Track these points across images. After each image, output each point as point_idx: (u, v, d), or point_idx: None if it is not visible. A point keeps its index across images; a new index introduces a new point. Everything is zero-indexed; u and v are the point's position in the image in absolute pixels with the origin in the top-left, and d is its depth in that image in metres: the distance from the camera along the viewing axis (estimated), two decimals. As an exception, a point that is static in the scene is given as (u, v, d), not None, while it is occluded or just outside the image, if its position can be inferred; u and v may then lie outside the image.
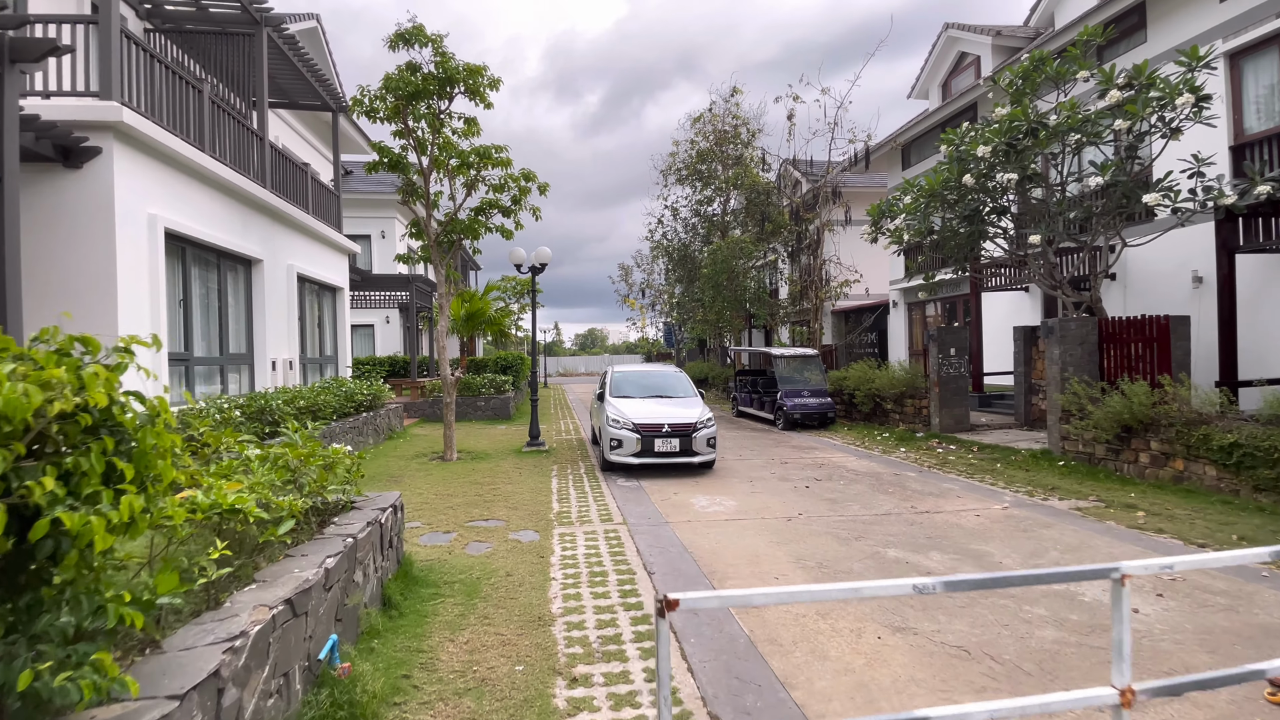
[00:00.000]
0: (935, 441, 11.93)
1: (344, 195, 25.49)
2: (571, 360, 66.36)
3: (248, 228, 9.79)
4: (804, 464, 10.14)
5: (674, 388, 10.52)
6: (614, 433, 9.02)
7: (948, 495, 7.88)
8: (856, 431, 13.80)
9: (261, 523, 3.10)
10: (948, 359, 12.66)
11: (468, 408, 16.61)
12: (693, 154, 23.78)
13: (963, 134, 11.27)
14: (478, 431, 14.48)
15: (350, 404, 11.03)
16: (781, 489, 8.29)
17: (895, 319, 21.86)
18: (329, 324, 13.42)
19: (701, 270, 21.84)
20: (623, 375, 10.76)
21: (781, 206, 23.49)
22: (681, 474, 9.23)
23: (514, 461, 10.39)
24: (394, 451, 11.39)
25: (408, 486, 8.40)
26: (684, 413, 9.29)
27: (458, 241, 10.94)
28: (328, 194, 13.50)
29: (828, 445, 12.19)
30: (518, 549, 5.74)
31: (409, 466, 9.91)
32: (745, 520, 6.74)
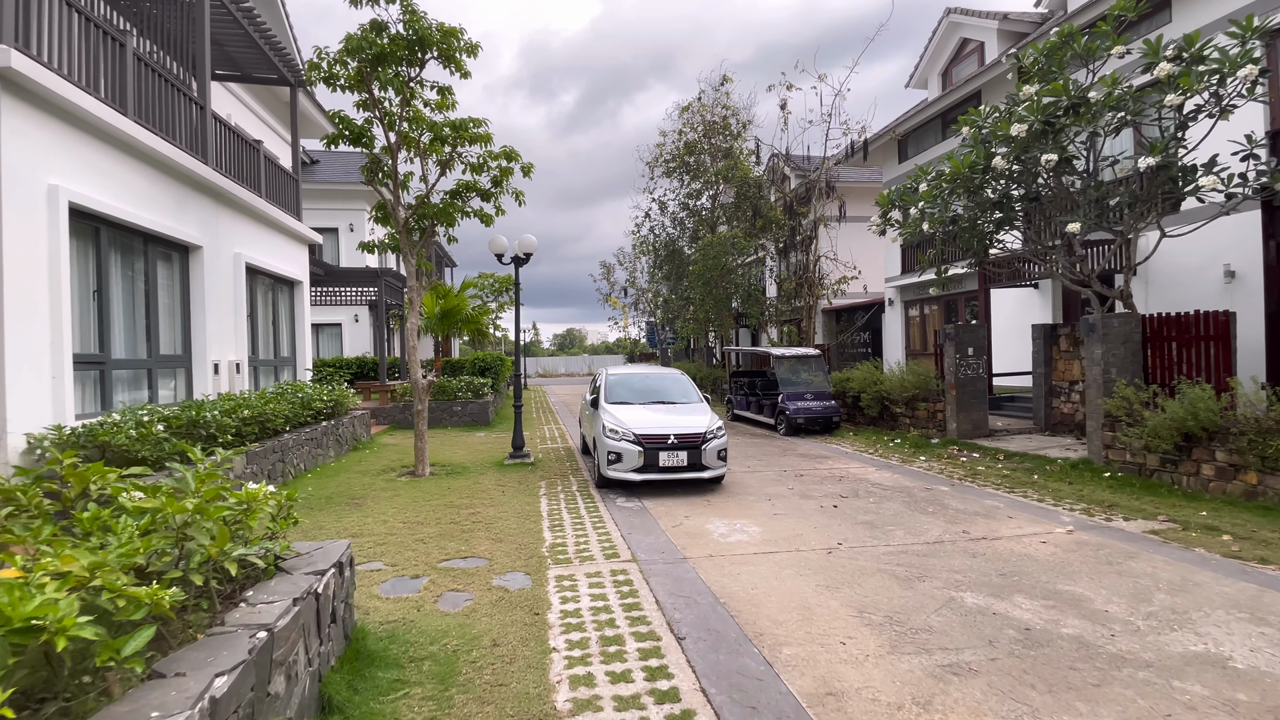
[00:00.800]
0: (954, 449, 10.99)
1: (310, 185, 23.93)
2: (551, 360, 64.91)
3: (184, 209, 8.43)
4: (820, 477, 9.10)
5: (676, 392, 9.39)
6: (612, 445, 7.86)
7: (997, 516, 6.88)
8: (864, 437, 12.83)
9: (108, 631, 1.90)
10: (965, 359, 11.75)
11: (443, 413, 15.29)
12: (680, 145, 22.71)
13: (986, 114, 10.35)
14: (454, 440, 13.19)
15: (307, 412, 9.70)
16: (807, 509, 7.21)
17: (891, 318, 21.05)
18: (285, 321, 12.03)
19: (690, 267, 20.78)
20: (619, 379, 9.60)
21: (773, 202, 22.55)
22: (688, 491, 8.11)
23: (496, 477, 9.16)
24: (358, 465, 10.08)
25: (370, 512, 7.14)
26: (691, 421, 8.17)
27: (430, 228, 9.68)
28: (285, 177, 12.11)
29: (839, 453, 11.17)
30: (505, 601, 4.56)
31: (374, 485, 8.63)
32: (778, 554, 5.64)
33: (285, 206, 11.93)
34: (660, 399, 9.13)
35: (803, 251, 20.32)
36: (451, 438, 13.49)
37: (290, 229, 11.84)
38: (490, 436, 13.72)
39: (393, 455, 11.06)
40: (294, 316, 12.32)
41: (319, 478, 9.04)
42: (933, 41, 19.01)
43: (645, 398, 9.10)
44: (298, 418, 9.33)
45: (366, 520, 6.77)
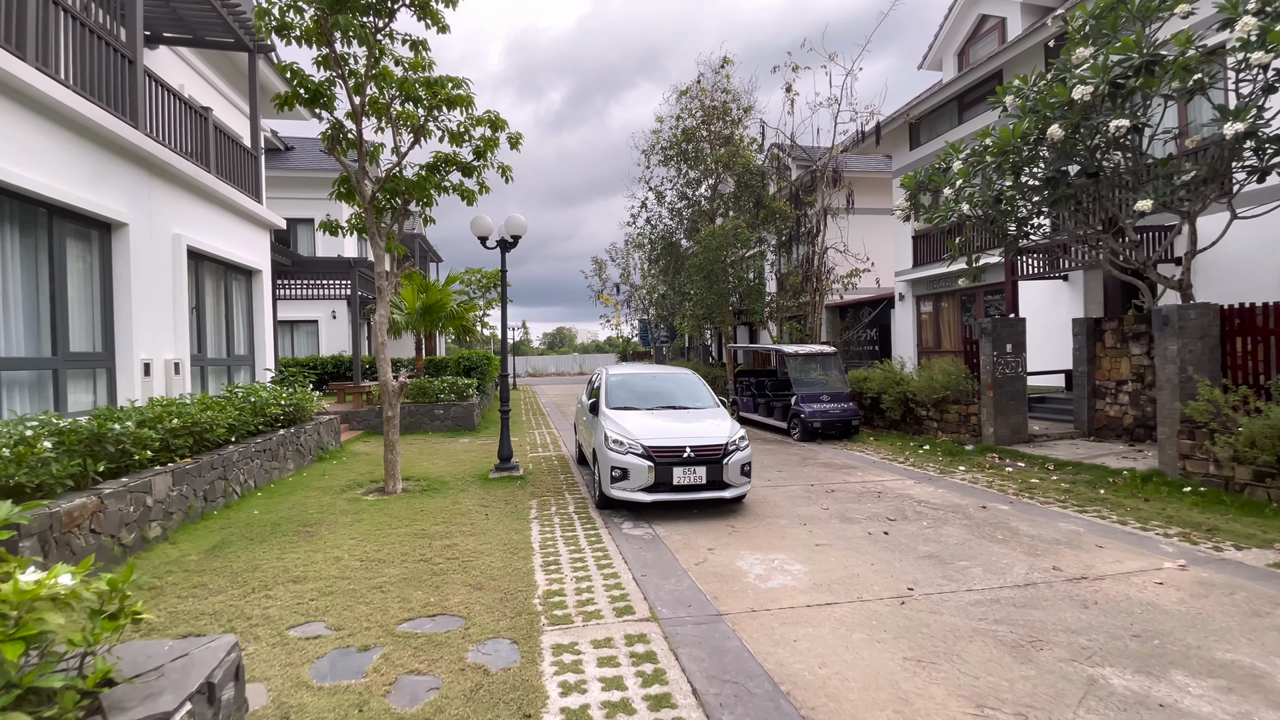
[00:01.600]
0: (994, 456, 9.84)
1: (284, 173, 22.42)
2: (541, 360, 63.46)
3: (104, 179, 7.07)
4: (855, 492, 7.90)
5: (687, 395, 8.12)
6: (616, 459, 6.59)
7: (1082, 545, 5.70)
8: (888, 443, 11.65)
9: None
10: (1003, 357, 10.60)
11: (423, 417, 13.95)
12: (678, 132, 21.44)
13: (1033, 80, 9.20)
14: (434, 448, 11.86)
15: (258, 419, 8.36)
16: (853, 537, 5.99)
17: (902, 314, 19.95)
18: (242, 315, 10.65)
19: (691, 259, 19.54)
20: (621, 379, 8.32)
21: (775, 191, 21.36)
22: (706, 513, 6.86)
23: (479, 494, 7.87)
24: (320, 480, 8.74)
25: (322, 545, 5.83)
26: (709, 430, 6.92)
27: (403, 207, 8.36)
28: (243, 154, 10.73)
29: (865, 462, 9.98)
30: (483, 692, 3.29)
31: (334, 506, 7.30)
32: (838, 605, 4.41)
33: (242, 185, 10.56)
34: (670, 403, 7.86)
35: (808, 243, 19.14)
36: (431, 445, 12.16)
37: (247, 211, 10.47)
38: (474, 444, 12.40)
39: (363, 467, 9.73)
40: (252, 310, 10.94)
41: (270, 497, 7.71)
42: (948, 20, 17.91)
43: (652, 402, 7.83)
44: (246, 426, 7.99)
45: (315, 556, 5.47)
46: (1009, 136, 8.57)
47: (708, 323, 20.75)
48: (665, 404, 7.81)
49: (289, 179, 21.57)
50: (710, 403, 7.99)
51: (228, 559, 5.43)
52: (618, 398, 7.83)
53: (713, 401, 8.03)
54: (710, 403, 7.99)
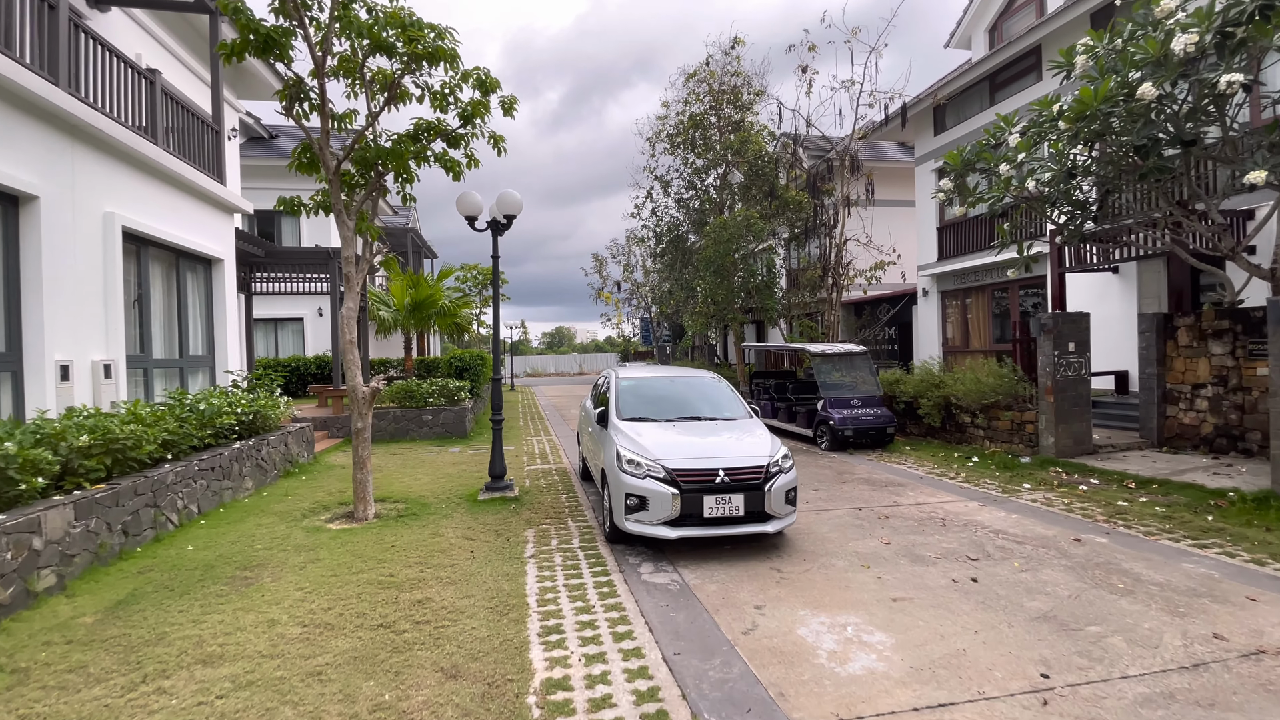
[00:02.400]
0: (1058, 472, 8.59)
1: (268, 162, 21.11)
2: (540, 359, 62.14)
3: (6, 140, 5.79)
4: (913, 518, 6.64)
5: (713, 403, 6.83)
6: (632, 485, 5.31)
7: (1229, 597, 4.44)
8: (929, 454, 10.40)
9: None
10: (1065, 357, 9.34)
11: (410, 423, 12.67)
12: (685, 118, 20.16)
13: (1108, 37, 7.93)
14: (419, 459, 10.58)
15: (205, 432, 7.08)
16: (935, 586, 4.73)
17: (925, 311, 18.68)
18: (198, 310, 9.37)
19: (701, 252, 18.26)
20: (634, 384, 7.02)
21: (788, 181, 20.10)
22: (742, 550, 5.59)
23: (465, 521, 6.59)
24: (279, 503, 7.46)
25: (259, 599, 4.55)
26: (744, 447, 5.65)
27: (375, 181, 7.07)
28: (201, 127, 9.44)
29: (911, 478, 8.72)
30: None
31: (287, 539, 6.03)
32: (956, 707, 3.15)
33: (201, 163, 9.29)
34: (693, 413, 6.57)
35: (826, 235, 17.87)
36: (416, 456, 10.88)
37: (206, 191, 9.18)
38: (465, 454, 11.12)
39: (334, 484, 8.45)
40: (212, 304, 9.65)
41: (215, 526, 6.43)
42: (978, -7, 16.63)
43: (672, 412, 6.54)
44: (187, 440, 6.71)
45: (245, 619, 4.19)
46: (1090, 98, 7.29)
47: (716, 320, 19.50)
48: (687, 414, 6.52)
49: (272, 168, 20.28)
50: (741, 412, 6.70)
51: (131, 622, 4.16)
52: (631, 407, 6.54)
53: (743, 411, 6.74)
54: (741, 412, 6.70)
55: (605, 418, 6.47)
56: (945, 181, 10.22)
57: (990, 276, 16.09)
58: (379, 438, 12.50)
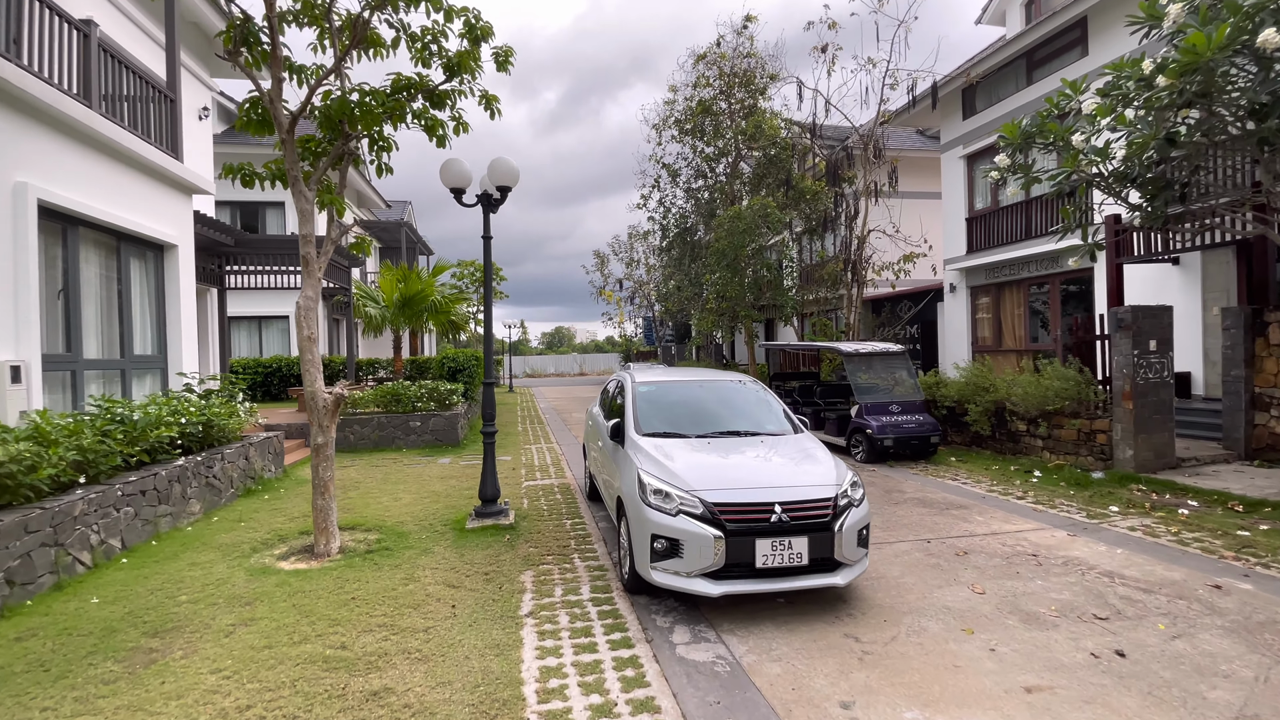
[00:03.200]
0: (1142, 490, 7.38)
1: (253, 150, 19.91)
2: (540, 360, 60.92)
3: None
4: (997, 554, 5.42)
5: (753, 414, 5.58)
6: (660, 522, 4.07)
7: None
8: (980, 466, 9.19)
9: None
10: (1145, 356, 8.12)
11: (396, 430, 11.44)
12: (694, 103, 18.94)
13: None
14: (403, 472, 9.36)
15: (133, 449, 5.85)
16: (1072, 664, 3.51)
17: (952, 307, 17.44)
18: (146, 303, 8.15)
19: (712, 244, 17.04)
20: (654, 391, 5.76)
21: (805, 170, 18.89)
22: (800, 604, 4.37)
23: (448, 560, 5.37)
24: (228, 531, 6.23)
25: (154, 689, 3.32)
26: (804, 473, 4.43)
27: (341, 144, 5.84)
28: (150, 92, 8.22)
29: (971, 497, 7.50)
30: None
31: (224, 584, 4.80)
32: None
33: (150, 134, 8.07)
34: (729, 427, 5.32)
35: (846, 227, 16.65)
36: (400, 469, 9.65)
37: (155, 166, 7.96)
38: (456, 466, 9.89)
39: (301, 506, 7.23)
40: (164, 296, 8.43)
41: (139, 566, 5.21)
42: (1014, -36, 15.42)
43: (704, 425, 5.30)
44: (109, 459, 5.49)
45: (124, 727, 2.97)
46: (1204, 45, 6.06)
47: (727, 318, 18.27)
48: (723, 429, 5.26)
49: (257, 156, 19.07)
50: (787, 425, 5.46)
51: (-38, 731, 2.94)
52: (652, 419, 5.30)
53: (790, 423, 5.50)
54: (787, 425, 5.46)
55: (621, 432, 5.23)
56: (1001, 158, 8.97)
57: (1027, 270, 14.87)
58: (361, 446, 11.28)
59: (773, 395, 5.93)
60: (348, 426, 11.31)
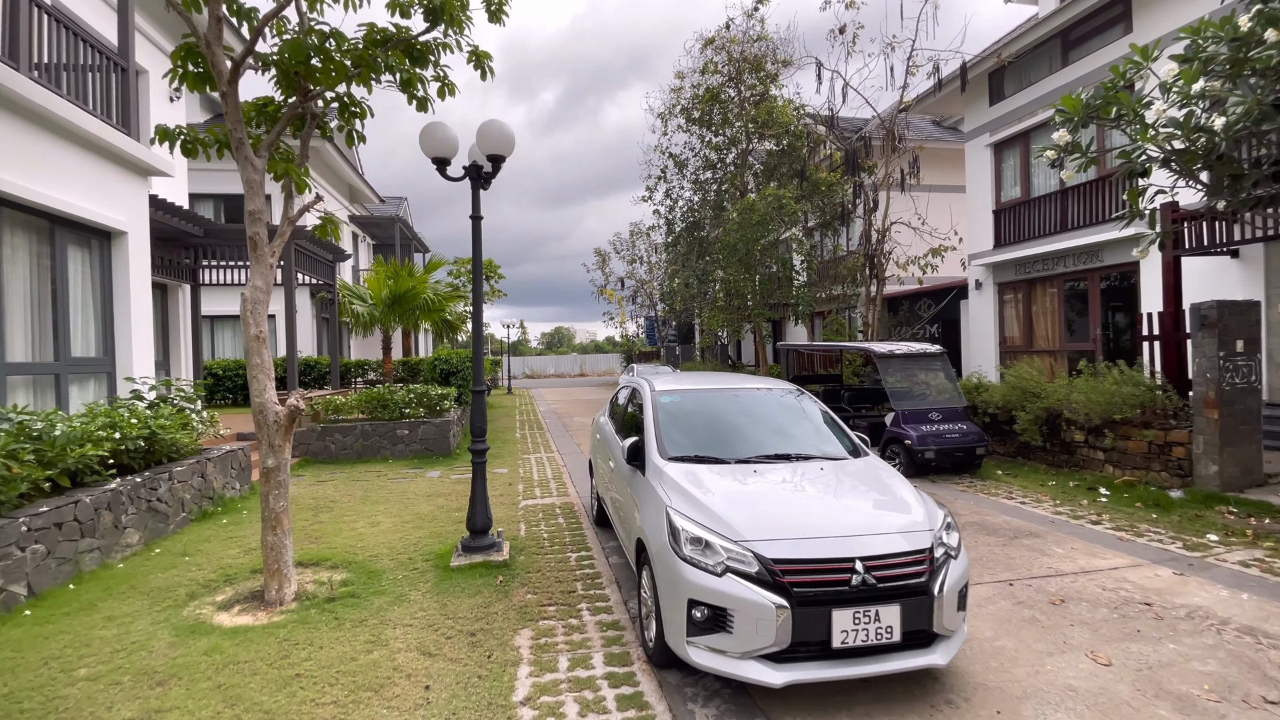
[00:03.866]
0: (1234, 513, 6.37)
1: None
2: (539, 360, 59.93)
3: None
4: (1100, 601, 4.41)
5: (802, 431, 4.53)
6: (702, 583, 3.03)
7: None
8: (1034, 482, 8.18)
9: None
10: (1231, 359, 7.12)
11: (382, 440, 10.42)
12: (701, 90, 17.95)
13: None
14: (385, 489, 8.34)
15: (46, 472, 4.84)
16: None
17: (978, 305, 16.42)
18: (89, 298, 7.14)
19: (722, 238, 16.03)
20: (678, 402, 4.70)
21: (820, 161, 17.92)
22: (880, 695, 3.35)
23: (425, 613, 4.35)
24: (165, 570, 5.22)
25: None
26: (884, 515, 3.40)
27: (299, 102, 4.82)
28: (96, 58, 7.20)
29: (1037, 520, 6.49)
30: None
31: (137, 653, 3.79)
32: None
33: (95, 105, 7.06)
34: (776, 449, 4.25)
35: (866, 219, 15.65)
36: (383, 484, 8.63)
37: (100, 142, 6.94)
38: (446, 482, 8.88)
39: (260, 534, 6.19)
40: (111, 290, 7.42)
41: (41, 622, 4.19)
42: (1047, -63, 14.41)
43: (744, 447, 4.24)
44: (11, 487, 4.47)
45: None
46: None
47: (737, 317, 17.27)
48: (768, 451, 4.22)
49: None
50: (847, 445, 4.42)
51: None
52: (679, 438, 4.26)
53: (849, 443, 4.47)
54: (847, 445, 4.42)
55: (640, 454, 4.21)
56: (1060, 134, 7.95)
57: (1062, 264, 13.87)
58: (343, 457, 10.26)
59: (823, 407, 4.91)
60: (329, 435, 10.30)
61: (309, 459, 10.14)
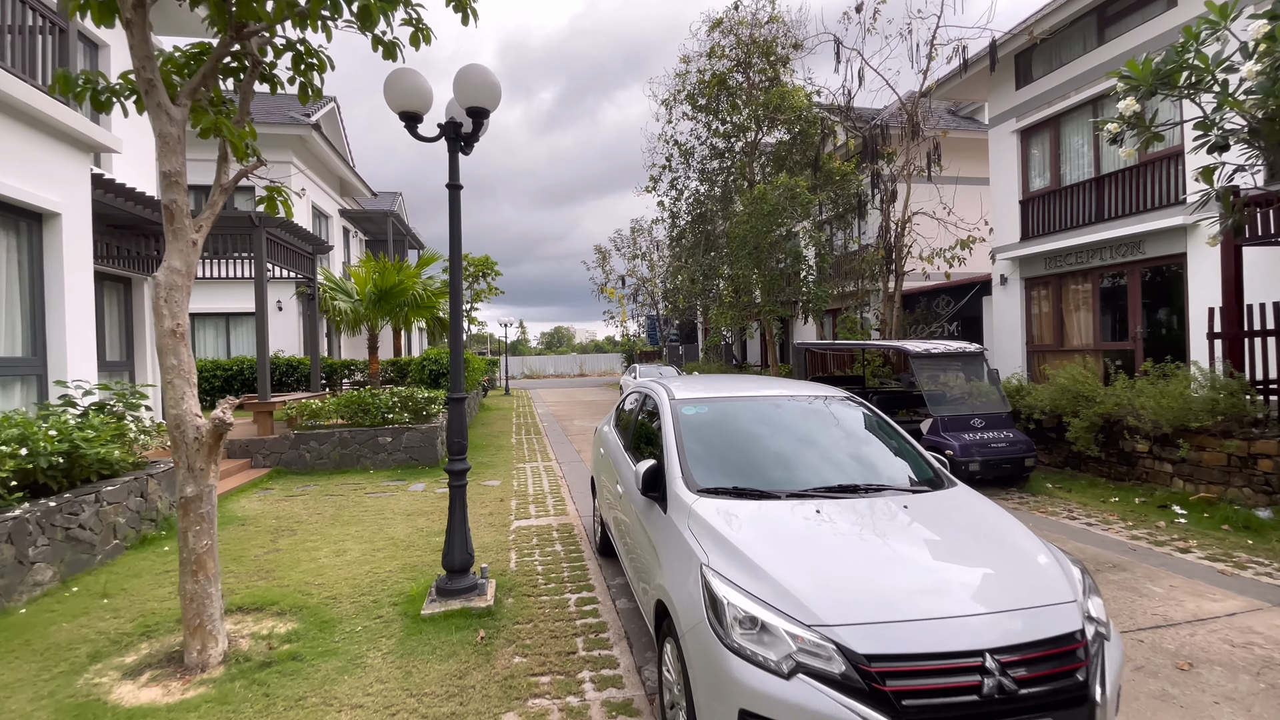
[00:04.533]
0: (1351, 540, 5.42)
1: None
2: (538, 360, 58.98)
3: None
4: (1226, 661, 3.48)
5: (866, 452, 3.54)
6: (761, 689, 2.07)
7: None
8: (1093, 498, 7.24)
9: None
10: (1333, 360, 6.16)
11: (363, 448, 9.47)
12: (708, 75, 16.99)
13: None
14: (361, 505, 7.39)
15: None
16: None
17: (1003, 302, 15.46)
18: (11, 290, 6.19)
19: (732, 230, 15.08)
20: (705, 417, 3.66)
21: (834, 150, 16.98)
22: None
23: (383, 688, 3.41)
24: (75, 616, 4.27)
25: None
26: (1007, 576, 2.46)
27: (232, 40, 3.87)
28: (28, 15, 6.25)
29: (1110, 544, 5.55)
30: None
31: (-7, 749, 2.85)
32: None
33: (24, 69, 6.10)
34: (836, 478, 3.27)
35: (883, 210, 14.70)
36: (359, 500, 7.68)
37: (28, 110, 5.98)
38: (430, 497, 7.93)
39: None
40: (43, 280, 6.47)
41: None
42: (1080, -93, 13.45)
43: (796, 475, 3.24)
44: None
45: None
46: None
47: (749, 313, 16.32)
48: (828, 481, 3.24)
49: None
50: (925, 471, 3.45)
51: None
52: (710, 464, 3.27)
53: (927, 466, 3.50)
54: (925, 471, 3.45)
55: (659, 482, 3.25)
56: (1127, 102, 7.00)
57: (1099, 257, 12.91)
58: (320, 468, 9.32)
59: (880, 416, 3.96)
60: (304, 443, 9.35)
61: (281, 470, 9.19)
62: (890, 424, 3.89)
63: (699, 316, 34.11)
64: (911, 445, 3.68)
